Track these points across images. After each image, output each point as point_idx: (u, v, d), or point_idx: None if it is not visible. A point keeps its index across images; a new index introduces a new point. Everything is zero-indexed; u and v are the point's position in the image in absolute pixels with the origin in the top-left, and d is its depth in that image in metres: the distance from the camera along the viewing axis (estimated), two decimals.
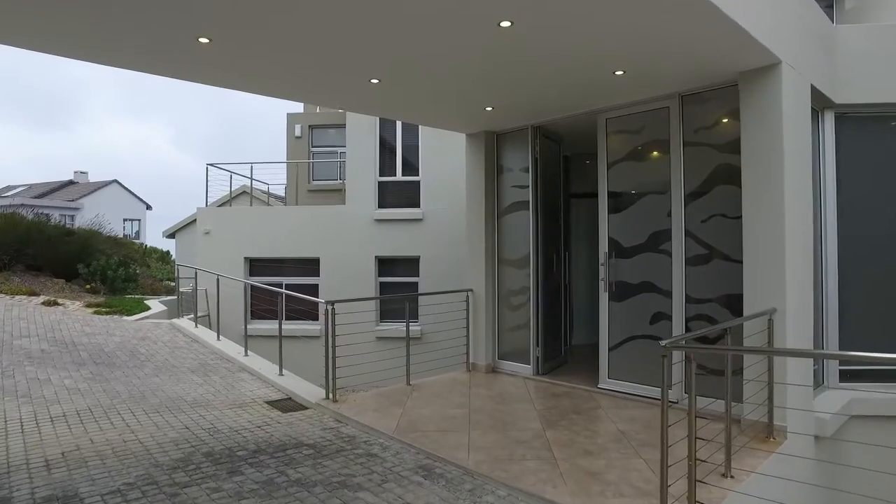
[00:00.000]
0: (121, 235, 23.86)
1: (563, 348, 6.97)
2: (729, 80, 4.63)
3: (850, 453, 4.76)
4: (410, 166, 10.91)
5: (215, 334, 8.54)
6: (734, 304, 4.64)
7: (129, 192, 36.09)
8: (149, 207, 37.22)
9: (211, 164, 11.55)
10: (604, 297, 5.59)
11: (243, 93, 5.23)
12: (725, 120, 4.78)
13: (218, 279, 8.58)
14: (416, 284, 10.71)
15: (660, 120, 5.19)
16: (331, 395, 5.40)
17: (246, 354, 7.49)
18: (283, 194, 15.24)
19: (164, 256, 22.25)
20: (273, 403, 5.59)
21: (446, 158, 10.53)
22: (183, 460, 3.95)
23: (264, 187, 15.10)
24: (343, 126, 12.19)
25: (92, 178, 35.74)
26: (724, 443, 3.45)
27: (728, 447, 3.47)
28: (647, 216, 5.31)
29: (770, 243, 4.26)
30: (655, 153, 5.25)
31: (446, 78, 4.76)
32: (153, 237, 33.12)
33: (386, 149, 11.00)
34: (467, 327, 6.75)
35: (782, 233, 4.19)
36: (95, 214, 19.93)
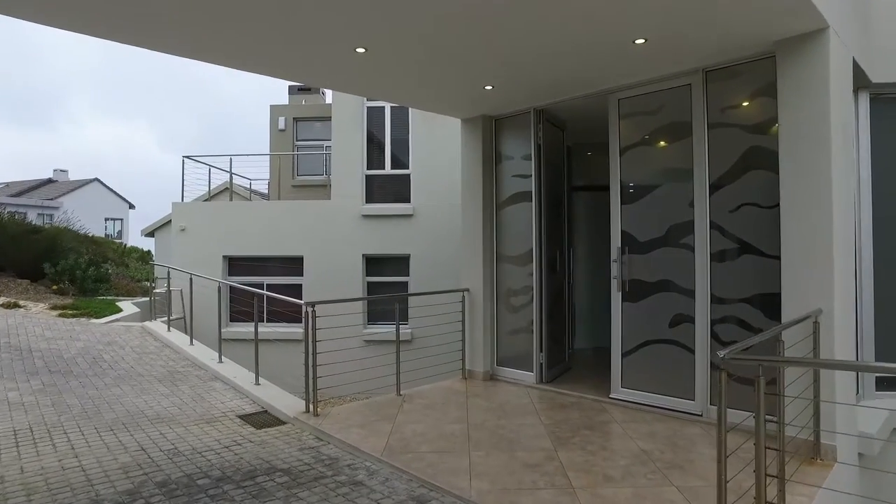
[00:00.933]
0: (101, 235, 22.96)
1: (566, 353, 6.41)
2: (762, 52, 4.09)
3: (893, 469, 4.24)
4: (400, 159, 10.31)
5: (189, 338, 7.87)
6: (768, 304, 4.10)
7: (111, 190, 35.03)
8: (131, 206, 36.18)
9: (188, 157, 10.85)
10: (616, 298, 5.04)
11: (229, 90, 4.61)
12: (757, 98, 4.24)
13: (191, 279, 7.91)
14: (406, 284, 10.11)
15: (680, 99, 4.65)
16: (311, 408, 4.79)
17: (220, 361, 6.84)
18: (267, 190, 14.58)
19: (145, 256, 21.41)
20: (246, 418, 4.97)
21: (438, 150, 9.95)
22: (130, 493, 3.31)
23: (246, 183, 14.40)
24: (329, 119, 11.54)
25: (74, 177, 34.67)
26: (778, 470, 2.90)
27: (782, 474, 2.91)
28: (665, 207, 4.76)
29: (814, 236, 3.71)
30: (675, 137, 4.70)
31: (442, 47, 4.17)
32: (136, 237, 32.13)
33: (374, 141, 10.38)
34: (463, 331, 6.17)
35: (829, 224, 3.65)
36: (71, 212, 19.08)
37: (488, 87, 5.15)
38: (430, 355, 5.98)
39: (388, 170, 10.31)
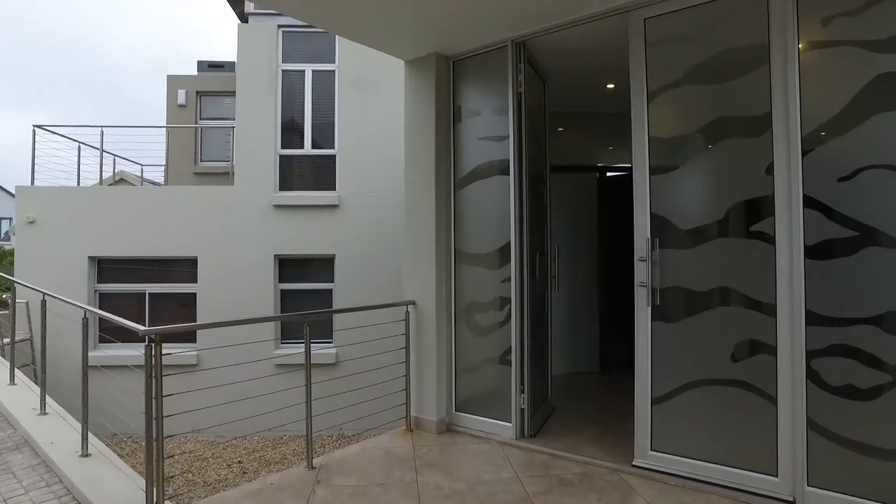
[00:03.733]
0: None
1: (548, 387, 4.68)
2: None
3: None
4: (323, 136, 8.29)
5: (9, 374, 5.49)
6: None
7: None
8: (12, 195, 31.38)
9: (39, 126, 8.25)
10: (644, 315, 3.34)
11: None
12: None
13: (14, 287, 5.55)
14: (330, 293, 8.10)
15: (747, 12, 3.03)
16: (156, 499, 2.76)
17: (43, 412, 4.59)
18: (163, 179, 11.99)
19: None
20: None
21: (373, 125, 8.03)
22: None
23: (137, 170, 11.79)
24: None
25: None
26: None
27: None
28: (723, 176, 3.12)
29: None
30: (739, 69, 3.07)
31: None
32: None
33: (291, 112, 8.30)
34: (407, 362, 4.30)
35: None
36: None
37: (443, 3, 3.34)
38: (362, 386, 4.11)
39: (308, 149, 8.26)
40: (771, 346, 2.92)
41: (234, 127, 8.34)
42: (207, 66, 14.45)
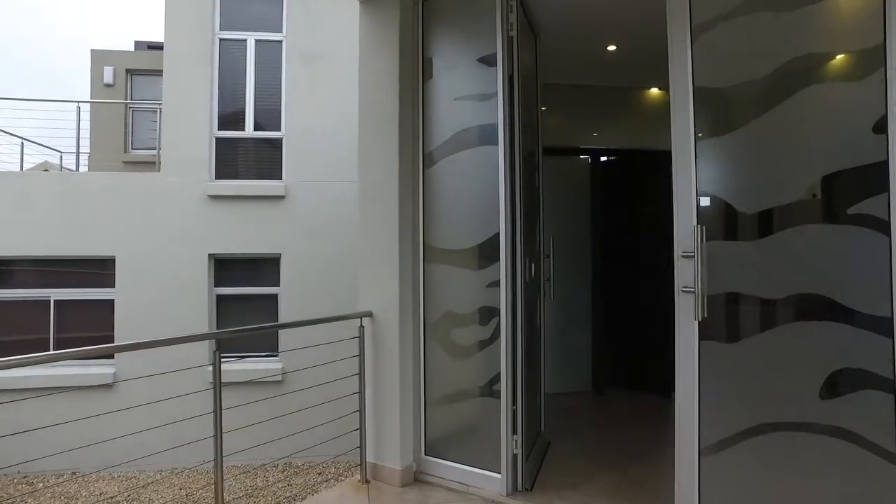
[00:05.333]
0: None
1: (541, 418, 3.73)
2: None
3: None
4: (268, 117, 7.15)
5: None
6: None
7: None
8: None
9: None
10: (689, 332, 2.41)
11: None
12: None
13: None
14: (275, 298, 6.97)
15: None
16: None
17: None
18: (87, 168, 10.53)
19: None
20: None
21: (325, 104, 6.96)
22: None
23: (55, 157, 10.30)
24: None
25: None
26: None
27: None
28: (806, 138, 2.22)
29: None
30: None
31: None
32: None
33: (229, 89, 7.13)
34: (361, 392, 3.27)
35: None
36: None
37: None
38: (311, 415, 3.19)
39: (249, 132, 7.10)
40: (884, 379, 2.03)
41: (160, 104, 7.10)
42: (147, 48, 13.04)
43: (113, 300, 6.78)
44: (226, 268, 6.97)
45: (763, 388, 2.27)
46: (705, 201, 2.40)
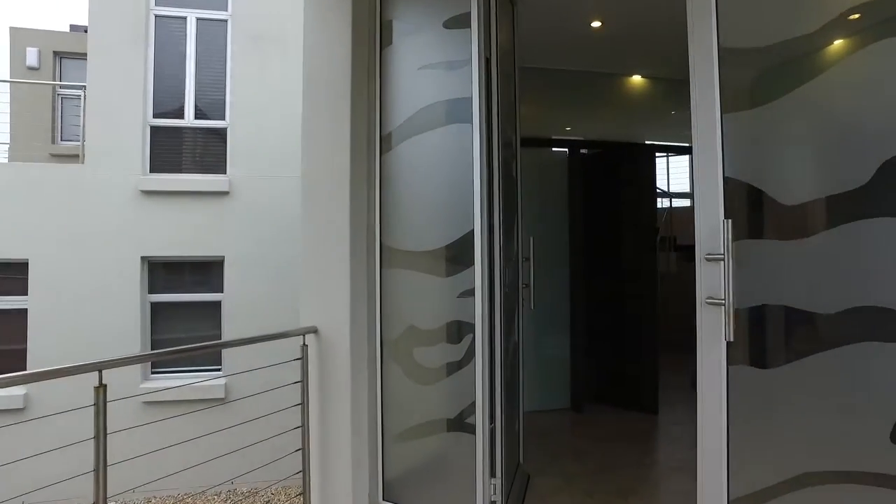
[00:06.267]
0: None
1: (519, 448, 3.20)
2: None
3: None
4: (211, 104, 6.43)
5: None
6: None
7: None
8: None
9: None
10: (716, 353, 1.92)
11: None
12: None
13: None
14: (218, 306, 6.25)
15: None
16: None
17: None
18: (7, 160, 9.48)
19: None
20: None
21: (274, 90, 6.30)
22: None
23: None
24: None
25: None
26: None
27: None
28: (869, 111, 1.76)
29: None
30: None
31: None
32: None
33: (167, 73, 6.37)
34: (304, 426, 2.67)
35: None
36: None
37: None
38: (255, 440, 2.51)
39: (190, 120, 6.36)
40: None
41: (84, 87, 6.28)
42: (85, 30, 11.99)
43: (26, 309, 5.92)
44: (161, 272, 6.20)
45: (813, 426, 1.79)
46: (736, 190, 1.91)
